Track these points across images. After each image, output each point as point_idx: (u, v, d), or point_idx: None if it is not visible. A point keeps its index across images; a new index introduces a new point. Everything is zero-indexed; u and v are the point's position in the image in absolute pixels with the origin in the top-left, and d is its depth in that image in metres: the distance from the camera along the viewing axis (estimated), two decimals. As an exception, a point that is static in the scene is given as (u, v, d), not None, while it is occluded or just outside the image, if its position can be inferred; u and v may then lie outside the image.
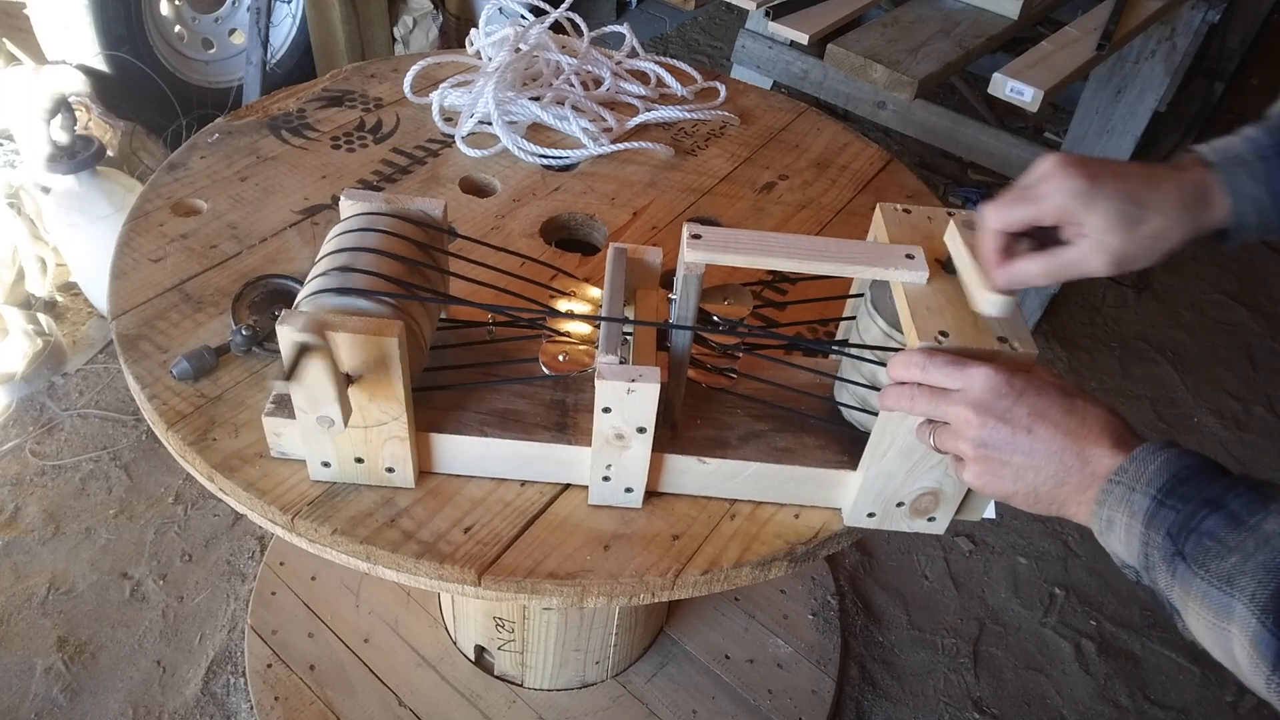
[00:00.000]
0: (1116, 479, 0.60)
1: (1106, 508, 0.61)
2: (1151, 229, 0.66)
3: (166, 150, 2.14)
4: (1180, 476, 0.57)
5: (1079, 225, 0.66)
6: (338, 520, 0.77)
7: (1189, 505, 0.56)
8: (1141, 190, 0.66)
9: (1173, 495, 0.57)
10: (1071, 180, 0.65)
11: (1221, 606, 0.53)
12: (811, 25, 1.66)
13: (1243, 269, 2.64)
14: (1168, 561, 0.56)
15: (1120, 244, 0.66)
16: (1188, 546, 0.55)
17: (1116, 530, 0.60)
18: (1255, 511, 0.54)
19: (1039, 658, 1.66)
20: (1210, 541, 0.54)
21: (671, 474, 0.80)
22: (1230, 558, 0.53)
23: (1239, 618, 0.52)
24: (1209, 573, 0.54)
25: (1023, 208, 0.67)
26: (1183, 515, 0.56)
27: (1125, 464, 0.60)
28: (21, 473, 1.74)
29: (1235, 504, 0.55)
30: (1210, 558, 0.54)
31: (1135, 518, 0.58)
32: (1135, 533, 0.59)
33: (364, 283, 0.72)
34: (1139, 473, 0.59)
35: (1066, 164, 0.66)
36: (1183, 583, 0.55)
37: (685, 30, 3.47)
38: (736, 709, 1.43)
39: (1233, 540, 0.54)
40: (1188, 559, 0.55)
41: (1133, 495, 0.59)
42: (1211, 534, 0.55)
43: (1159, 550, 0.57)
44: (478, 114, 1.21)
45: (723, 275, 0.97)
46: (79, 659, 1.49)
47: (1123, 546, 0.60)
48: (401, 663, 1.42)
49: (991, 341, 0.69)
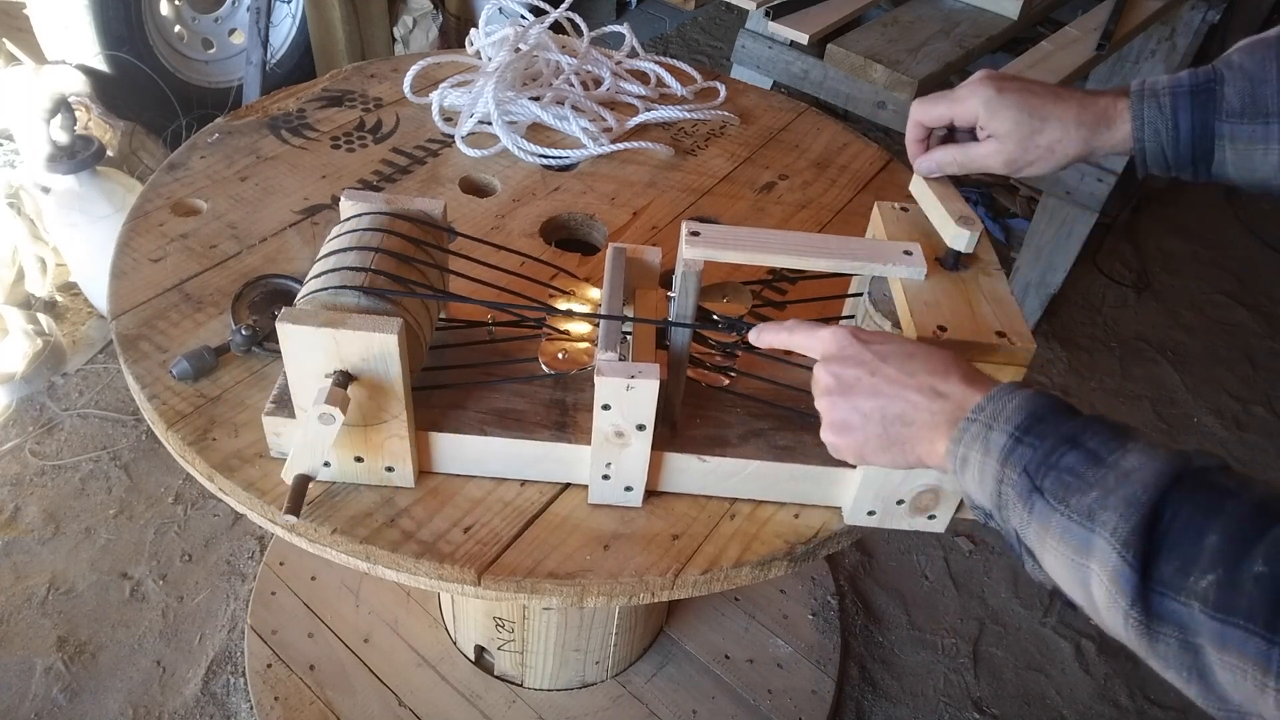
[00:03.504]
0: (973, 416, 0.59)
1: (962, 445, 0.60)
2: (1046, 139, 0.75)
3: (166, 150, 2.14)
4: (1038, 414, 0.57)
5: (985, 129, 0.76)
6: (337, 520, 0.77)
7: (1047, 442, 0.55)
8: (1043, 105, 0.74)
9: (1030, 433, 0.56)
10: (985, 88, 0.75)
11: (1081, 541, 0.52)
12: (811, 25, 1.66)
13: (1243, 269, 2.64)
14: (1024, 498, 0.56)
15: (1015, 148, 0.75)
16: (1046, 482, 0.54)
17: (970, 468, 0.59)
18: (1113, 449, 0.53)
19: (1039, 658, 1.66)
20: (1070, 477, 0.54)
21: (671, 472, 0.80)
22: (1090, 493, 0.52)
23: (1099, 552, 0.51)
24: (1069, 508, 0.53)
25: (944, 105, 0.78)
26: (1041, 452, 0.55)
27: (983, 402, 0.60)
28: (21, 473, 1.74)
29: (1093, 441, 0.54)
30: (1070, 493, 0.53)
31: (990, 454, 0.58)
32: (990, 470, 0.58)
33: (364, 281, 0.72)
34: (997, 410, 0.58)
35: (988, 77, 0.76)
36: (1040, 519, 0.55)
37: (685, 30, 3.48)
38: (736, 709, 1.43)
39: (1092, 476, 0.53)
40: (1046, 495, 0.54)
41: (990, 433, 0.58)
42: (1071, 469, 0.54)
43: (1014, 487, 0.56)
44: (478, 114, 1.21)
45: (722, 274, 0.98)
46: (79, 659, 1.49)
47: (976, 485, 0.59)
48: (401, 663, 1.42)
49: (990, 336, 0.69)
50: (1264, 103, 0.70)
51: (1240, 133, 0.71)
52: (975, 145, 0.78)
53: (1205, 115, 0.72)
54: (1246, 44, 0.73)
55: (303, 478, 0.73)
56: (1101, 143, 0.76)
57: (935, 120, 0.80)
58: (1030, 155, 0.76)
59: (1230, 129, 0.71)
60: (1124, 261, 2.61)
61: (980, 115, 0.76)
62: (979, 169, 0.78)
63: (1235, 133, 0.71)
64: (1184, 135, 0.72)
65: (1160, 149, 0.74)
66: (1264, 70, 0.70)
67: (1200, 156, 0.73)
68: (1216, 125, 0.72)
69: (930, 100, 0.79)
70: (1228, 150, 0.72)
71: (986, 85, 0.75)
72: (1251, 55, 0.71)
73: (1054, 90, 0.76)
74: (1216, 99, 0.71)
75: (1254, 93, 0.70)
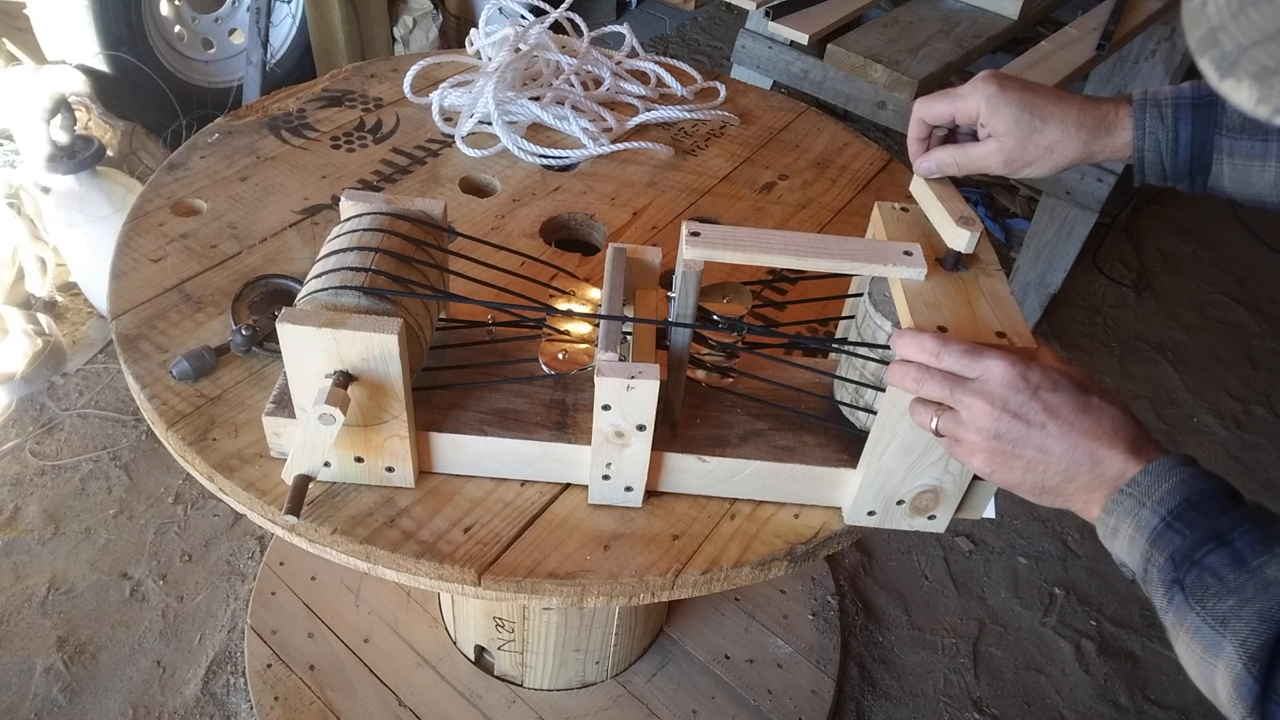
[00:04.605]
0: (1128, 490, 0.60)
1: (1114, 516, 0.61)
2: (1046, 139, 0.75)
3: (166, 150, 2.14)
4: (1192, 501, 0.57)
5: (986, 127, 0.77)
6: (337, 520, 0.77)
7: (1196, 534, 0.56)
8: (1045, 105, 0.75)
9: (1181, 520, 0.57)
10: (988, 85, 0.75)
11: (1211, 644, 0.53)
12: (811, 25, 1.66)
13: (1243, 269, 2.64)
14: (1166, 586, 0.57)
15: (1015, 146, 0.75)
16: (1188, 578, 0.55)
17: (1121, 538, 0.60)
18: (1260, 553, 0.54)
19: (1039, 658, 1.66)
20: (1211, 578, 0.54)
21: (671, 473, 0.80)
22: (1229, 599, 0.53)
23: (1226, 658, 0.52)
24: (1205, 609, 0.54)
25: (946, 102, 0.78)
26: (1188, 543, 0.56)
27: (1139, 476, 0.60)
28: (21, 473, 1.74)
29: (1241, 541, 0.55)
30: (1209, 595, 0.54)
31: (1140, 532, 0.58)
32: (1139, 547, 0.59)
33: (364, 281, 0.72)
34: (1151, 488, 0.59)
35: (991, 75, 0.76)
36: (1177, 612, 0.56)
37: (685, 30, 3.48)
38: (736, 709, 1.43)
39: (1233, 580, 0.54)
40: (1186, 591, 0.55)
41: (1141, 510, 0.59)
42: (1213, 570, 0.54)
43: (1159, 571, 0.57)
44: (478, 114, 1.21)
45: (722, 274, 0.98)
46: (79, 659, 1.49)
47: (1125, 554, 0.61)
48: (401, 663, 1.42)
49: (990, 336, 0.69)
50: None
51: (1239, 148, 0.72)
52: (975, 145, 0.78)
53: (1206, 128, 0.72)
54: None
55: (303, 478, 0.73)
56: (1101, 147, 0.76)
57: (937, 118, 0.80)
58: (1030, 155, 0.76)
59: (1229, 143, 0.72)
60: (1124, 261, 2.61)
61: (982, 111, 0.76)
62: (979, 169, 0.78)
63: (1234, 147, 0.72)
64: (1183, 147, 0.73)
65: (1159, 159, 0.74)
66: None
67: (1198, 169, 0.74)
68: (1216, 139, 0.72)
69: (933, 98, 0.79)
70: (1225, 164, 0.73)
71: (989, 83, 0.76)
72: None
73: (1056, 92, 0.76)
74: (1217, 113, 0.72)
75: None
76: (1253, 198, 0.73)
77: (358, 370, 0.70)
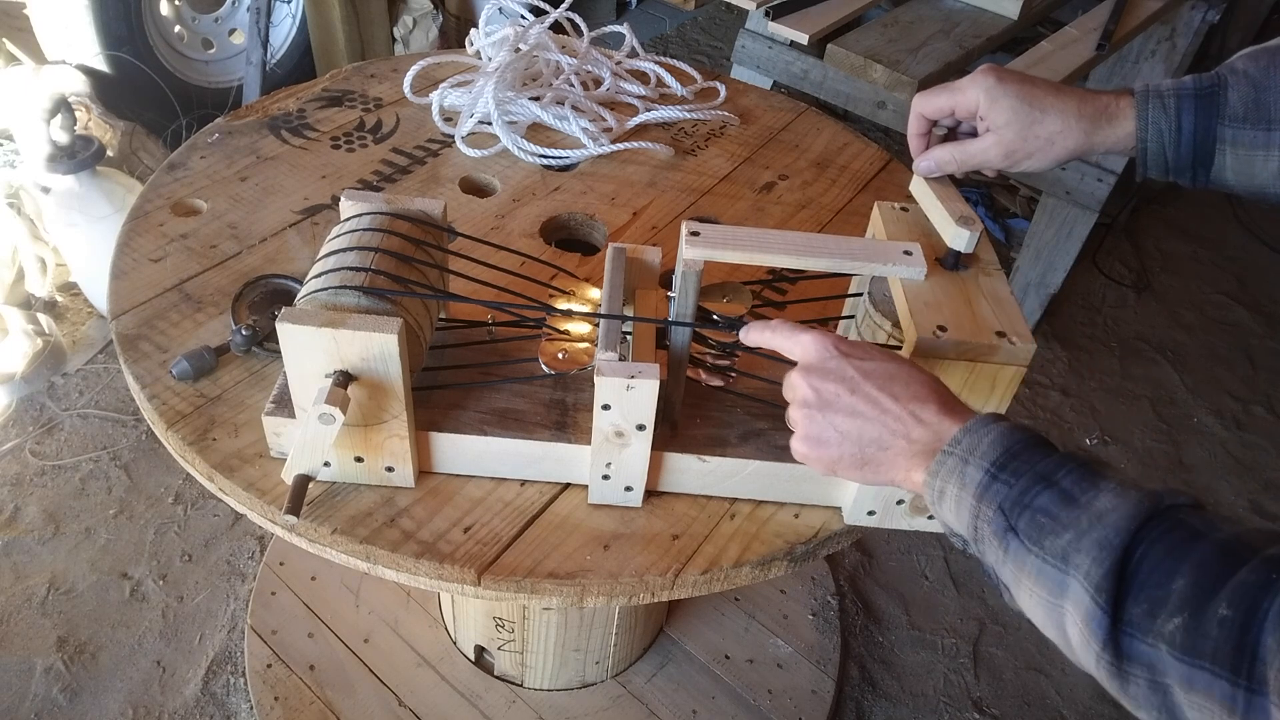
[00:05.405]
0: (950, 449, 0.59)
1: (938, 478, 0.60)
2: (1045, 129, 0.75)
3: (166, 150, 2.14)
4: (1013, 450, 0.57)
5: (985, 120, 0.76)
6: (337, 520, 0.77)
7: (1022, 480, 0.56)
8: (1044, 96, 0.75)
9: (1005, 469, 0.56)
10: (987, 78, 0.76)
11: (1056, 583, 0.53)
12: (811, 25, 1.66)
13: (1243, 269, 2.64)
14: (999, 536, 0.56)
15: (1014, 138, 0.75)
16: (1021, 523, 0.55)
17: (947, 501, 0.59)
18: (1086, 489, 0.54)
19: (1039, 658, 1.66)
20: (1044, 518, 0.54)
21: (671, 472, 0.80)
22: (1064, 534, 0.53)
23: (1073, 594, 0.51)
24: (1043, 550, 0.53)
25: (945, 96, 0.78)
26: (1015, 490, 0.55)
27: (959, 434, 0.59)
28: (21, 473, 1.74)
29: (1067, 481, 0.54)
30: (1044, 534, 0.54)
31: (966, 489, 0.58)
32: (966, 505, 0.58)
33: (364, 281, 0.72)
34: (973, 445, 0.58)
35: (989, 69, 0.76)
36: (1016, 559, 0.55)
37: (685, 30, 3.48)
38: (736, 709, 1.43)
39: (1066, 517, 0.53)
40: (1021, 535, 0.55)
41: (966, 468, 0.58)
42: (1045, 510, 0.54)
43: (990, 524, 0.56)
44: (478, 114, 1.21)
45: (722, 274, 0.98)
46: (79, 659, 1.49)
47: (953, 517, 0.60)
48: (401, 663, 1.42)
49: (990, 336, 0.69)
50: (1267, 109, 0.70)
51: (1242, 137, 0.71)
52: (974, 141, 0.78)
53: (1208, 118, 0.72)
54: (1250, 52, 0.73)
55: (303, 478, 0.73)
56: (1102, 138, 0.76)
57: (937, 111, 0.80)
58: (1030, 146, 0.76)
59: (1232, 133, 0.72)
60: (1124, 261, 2.61)
61: (981, 104, 0.76)
62: (978, 164, 0.78)
63: (1237, 137, 0.72)
64: (1186, 137, 0.73)
65: (1162, 150, 0.74)
66: (1268, 77, 0.71)
67: (1200, 160, 0.73)
68: (1219, 129, 0.72)
69: (932, 92, 0.79)
70: (1228, 155, 0.73)
71: (988, 75, 0.76)
72: (1256, 62, 0.72)
73: (1056, 85, 0.76)
74: (1220, 103, 0.72)
75: (1257, 98, 0.71)
76: (1255, 189, 0.73)
77: (358, 370, 0.70)
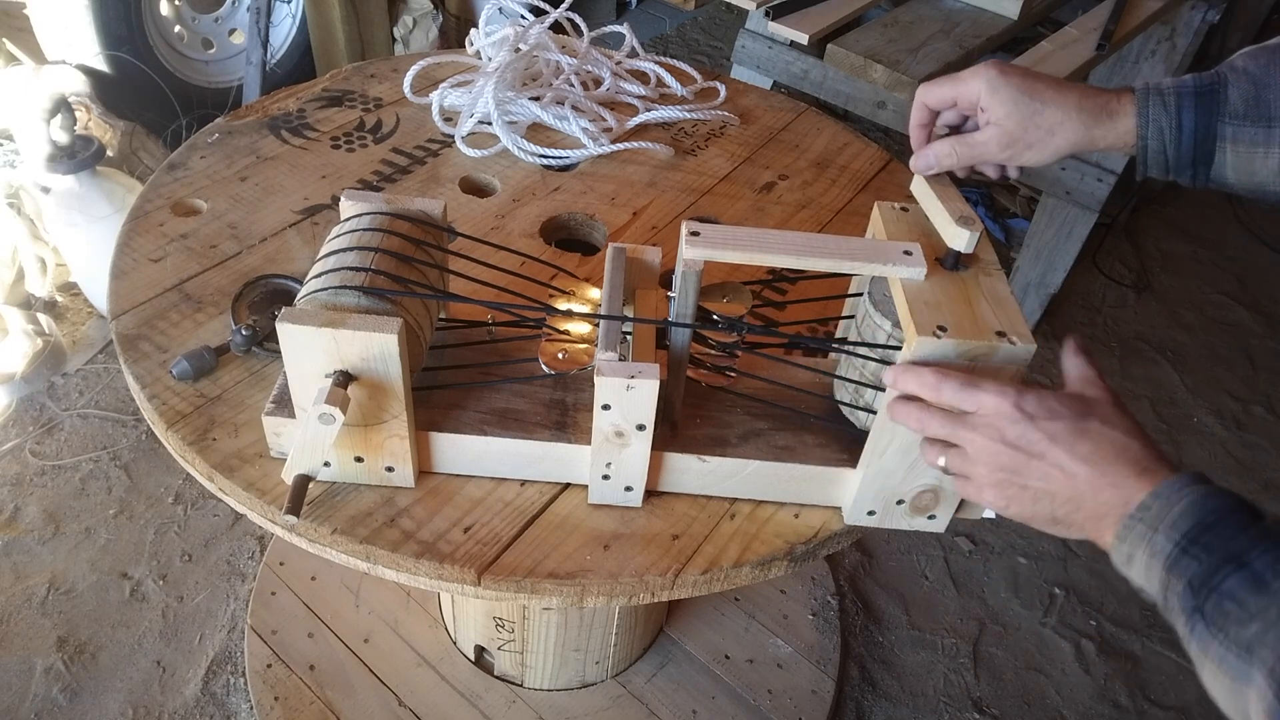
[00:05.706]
0: (1137, 515, 0.59)
1: (1127, 543, 0.59)
2: (1046, 120, 0.75)
3: (166, 150, 2.14)
4: (1206, 523, 0.56)
5: (986, 112, 0.76)
6: (337, 520, 0.77)
7: (1212, 558, 0.54)
8: (1045, 90, 0.75)
9: (1196, 544, 0.55)
10: (989, 70, 0.76)
11: (1239, 673, 0.52)
12: (811, 25, 1.66)
13: (1243, 269, 2.64)
14: (1187, 615, 0.55)
15: (1014, 129, 0.75)
16: (1208, 605, 0.54)
17: (1137, 565, 0.59)
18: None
19: (1039, 658, 1.66)
20: (1231, 604, 0.53)
21: (671, 472, 0.80)
22: (1251, 625, 0.51)
23: (1256, 686, 0.51)
24: (1228, 638, 0.52)
25: (947, 86, 0.78)
26: (1205, 568, 0.54)
27: (1148, 500, 0.58)
28: (21, 473, 1.74)
29: (1259, 562, 0.53)
30: (1230, 622, 0.52)
31: (1156, 559, 0.57)
32: (1156, 573, 0.57)
33: (364, 281, 0.72)
34: (1162, 512, 0.57)
35: (992, 63, 0.76)
36: (1200, 642, 0.54)
37: (685, 30, 3.48)
38: (736, 709, 1.43)
39: (1254, 605, 0.52)
40: (1207, 619, 0.54)
41: (1154, 536, 0.57)
42: (1233, 595, 0.53)
43: (1178, 599, 0.56)
44: (478, 114, 1.21)
45: (722, 274, 0.98)
46: (79, 659, 1.49)
47: (1143, 581, 0.59)
48: (401, 663, 1.42)
49: (990, 336, 0.69)
50: (1267, 106, 0.70)
51: (1242, 135, 0.71)
52: (974, 135, 0.78)
53: (1208, 116, 0.72)
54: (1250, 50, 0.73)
55: (303, 478, 0.73)
56: (1102, 134, 0.75)
57: (939, 101, 0.80)
58: (1030, 137, 0.76)
59: (1233, 131, 0.72)
60: (1124, 261, 2.61)
61: (982, 95, 0.76)
62: (978, 155, 0.78)
63: (1237, 135, 0.72)
64: (1187, 135, 0.73)
65: (1162, 148, 0.74)
66: (1268, 75, 0.71)
67: (1201, 158, 0.73)
68: (1219, 126, 0.72)
69: (935, 82, 0.79)
70: (1229, 152, 0.73)
71: (990, 68, 0.76)
72: (1256, 60, 0.72)
73: (1057, 80, 0.76)
74: (1220, 100, 0.72)
75: (1257, 96, 0.71)
76: (1255, 187, 0.73)
77: (358, 370, 0.70)
